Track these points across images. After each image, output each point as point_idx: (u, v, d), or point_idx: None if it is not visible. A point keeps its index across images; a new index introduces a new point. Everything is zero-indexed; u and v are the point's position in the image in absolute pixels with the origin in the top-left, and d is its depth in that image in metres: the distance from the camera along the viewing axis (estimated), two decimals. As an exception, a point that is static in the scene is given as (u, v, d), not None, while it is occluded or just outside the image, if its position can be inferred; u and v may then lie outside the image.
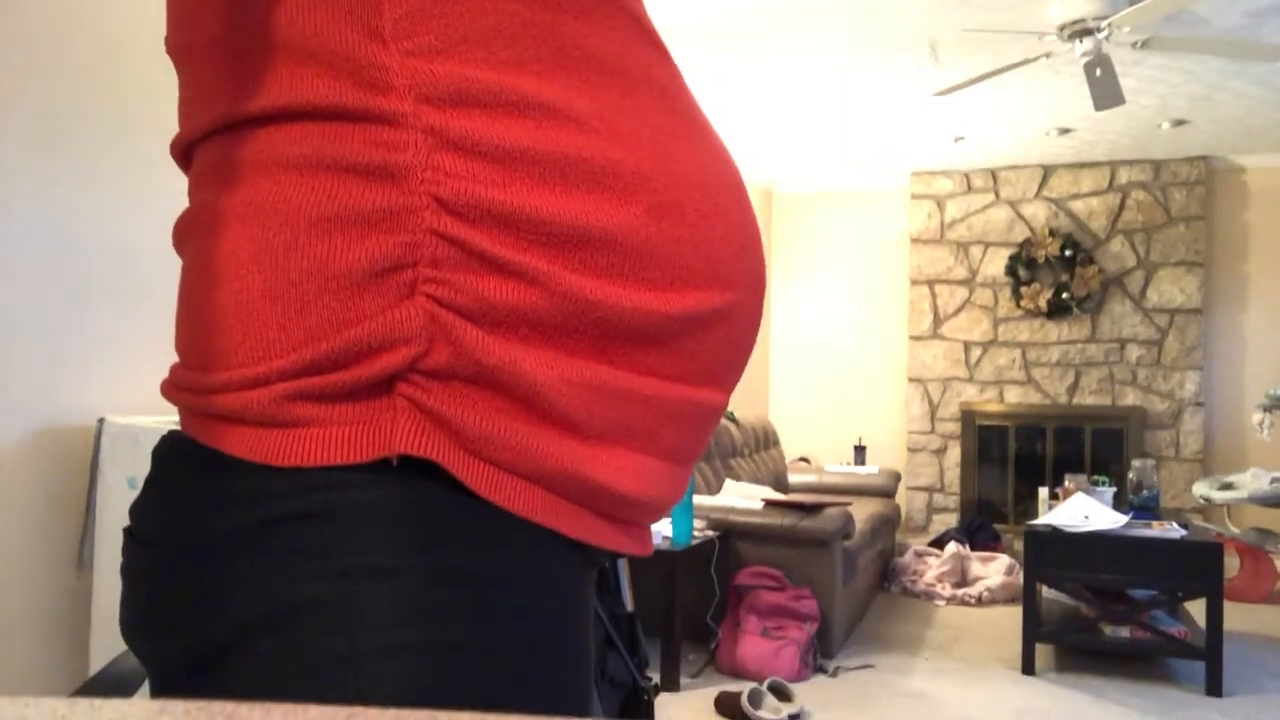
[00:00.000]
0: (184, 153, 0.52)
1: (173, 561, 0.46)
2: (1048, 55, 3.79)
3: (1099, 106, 3.85)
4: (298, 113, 0.45)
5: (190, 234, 0.50)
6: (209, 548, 0.45)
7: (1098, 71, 3.61)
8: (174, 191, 2.26)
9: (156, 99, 2.22)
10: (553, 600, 0.47)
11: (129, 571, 0.50)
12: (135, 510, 0.50)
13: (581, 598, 0.50)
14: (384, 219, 0.44)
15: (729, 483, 4.38)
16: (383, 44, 0.45)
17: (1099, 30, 3.49)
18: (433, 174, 0.44)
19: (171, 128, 0.54)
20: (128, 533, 0.50)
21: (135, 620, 0.49)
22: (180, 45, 0.52)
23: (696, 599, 3.41)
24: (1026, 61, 3.79)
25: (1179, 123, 5.05)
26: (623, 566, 0.74)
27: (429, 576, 0.43)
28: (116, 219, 2.15)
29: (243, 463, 0.45)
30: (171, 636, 0.46)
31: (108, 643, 1.96)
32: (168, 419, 2.03)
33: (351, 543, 0.43)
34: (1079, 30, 3.55)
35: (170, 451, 0.50)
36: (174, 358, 0.52)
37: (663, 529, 3.14)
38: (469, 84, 0.45)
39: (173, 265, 2.06)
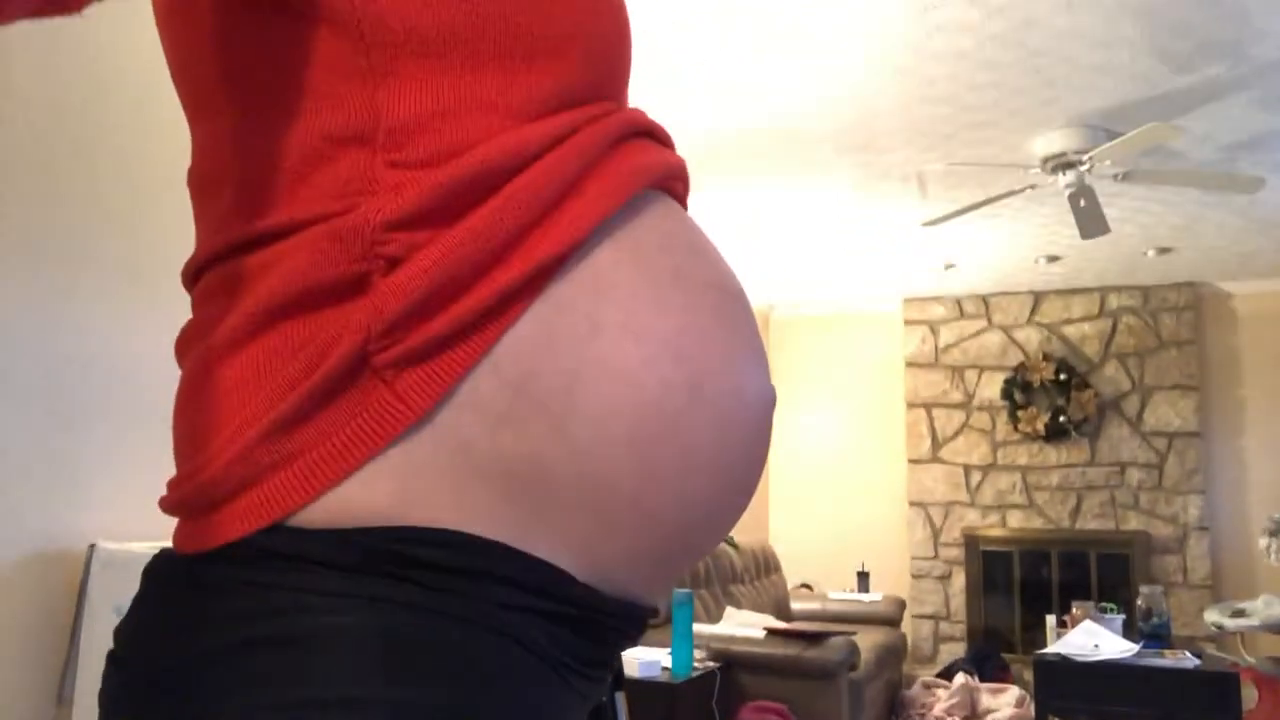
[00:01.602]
0: (194, 275, 0.53)
1: (142, 686, 0.45)
2: (1033, 187, 3.92)
3: (1085, 235, 3.96)
4: (290, 230, 0.46)
5: (189, 348, 0.51)
6: (176, 672, 0.44)
7: (1082, 202, 3.73)
8: (172, 312, 2.29)
9: (156, 217, 2.28)
10: None
11: (104, 695, 0.48)
12: (118, 632, 0.50)
13: None
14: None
15: (730, 610, 4.28)
16: (372, 153, 0.46)
17: (1081, 163, 3.63)
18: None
19: (175, 253, 0.56)
20: (110, 655, 0.49)
21: None
22: (198, 177, 0.54)
23: (697, 734, 3.29)
24: (1012, 193, 3.92)
25: (1164, 250, 5.18)
26: (621, 700, 0.72)
27: (388, 711, 0.41)
28: (112, 340, 2.17)
29: (216, 581, 0.44)
30: None
31: (83, 783, 1.88)
32: (161, 544, 2.00)
33: (315, 671, 0.42)
34: (1062, 164, 3.68)
35: (155, 570, 0.49)
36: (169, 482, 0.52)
37: (661, 659, 3.05)
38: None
39: (169, 387, 2.08)
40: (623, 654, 0.64)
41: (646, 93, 3.39)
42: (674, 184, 0.54)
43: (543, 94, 0.49)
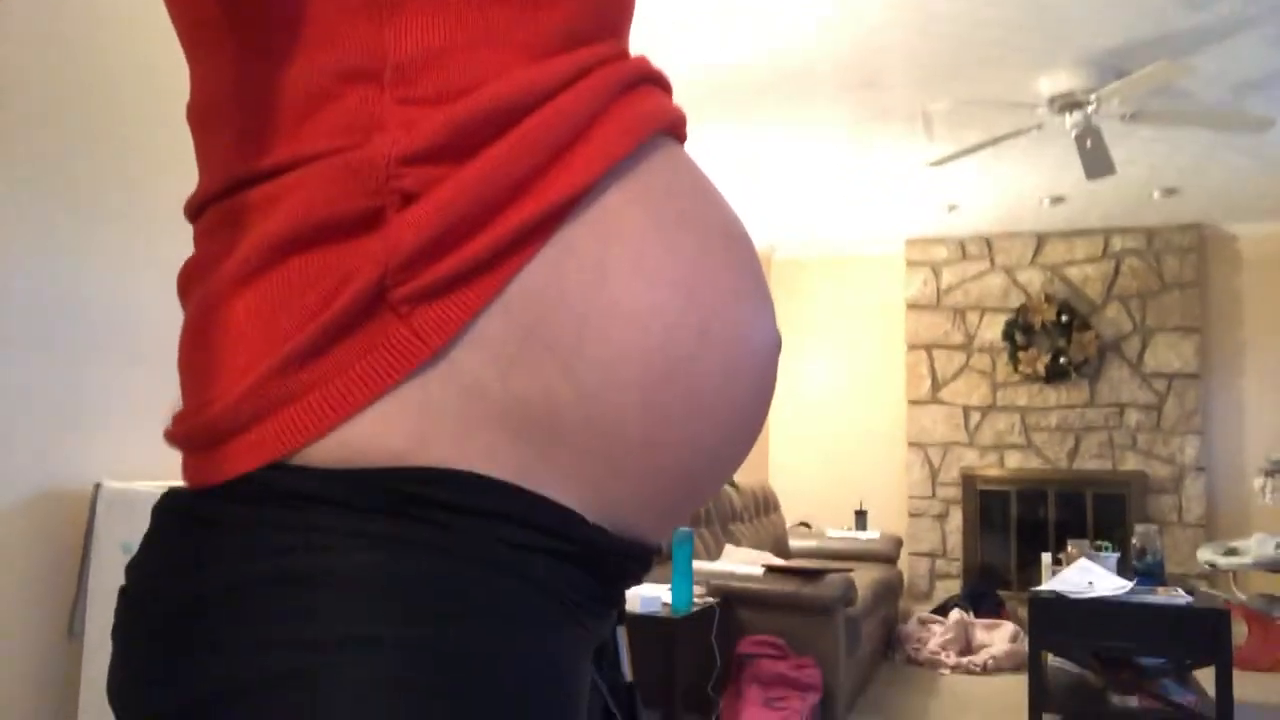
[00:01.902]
0: (197, 211, 0.52)
1: (154, 622, 0.46)
2: (1039, 127, 3.87)
3: (1090, 176, 3.92)
4: (296, 164, 0.46)
5: (193, 284, 0.50)
6: (188, 609, 0.44)
7: (1088, 143, 3.68)
8: (175, 254, 2.28)
9: (157, 160, 2.26)
10: (542, 682, 0.45)
11: (117, 631, 0.49)
12: (129, 568, 0.50)
13: (575, 685, 0.48)
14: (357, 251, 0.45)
15: (729, 548, 4.34)
16: (380, 90, 0.45)
17: (1088, 103, 3.58)
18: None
19: (173, 190, 0.56)
20: (121, 591, 0.49)
21: (119, 683, 0.48)
22: (198, 111, 0.53)
23: (697, 668, 3.36)
24: (1018, 133, 3.87)
25: (1170, 191, 5.13)
26: (621, 634, 0.73)
27: (402, 648, 0.42)
28: (116, 281, 2.17)
29: (230, 519, 0.44)
30: (149, 703, 0.45)
31: (96, 712, 1.93)
32: (166, 484, 2.02)
33: (328, 609, 0.42)
34: (1068, 103, 3.63)
35: (165, 507, 0.50)
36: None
37: (662, 595, 3.10)
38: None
39: (172, 328, 2.08)
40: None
41: (647, 29, 3.32)
42: (678, 131, 0.54)
43: (550, 31, 0.48)
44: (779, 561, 3.95)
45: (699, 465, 0.50)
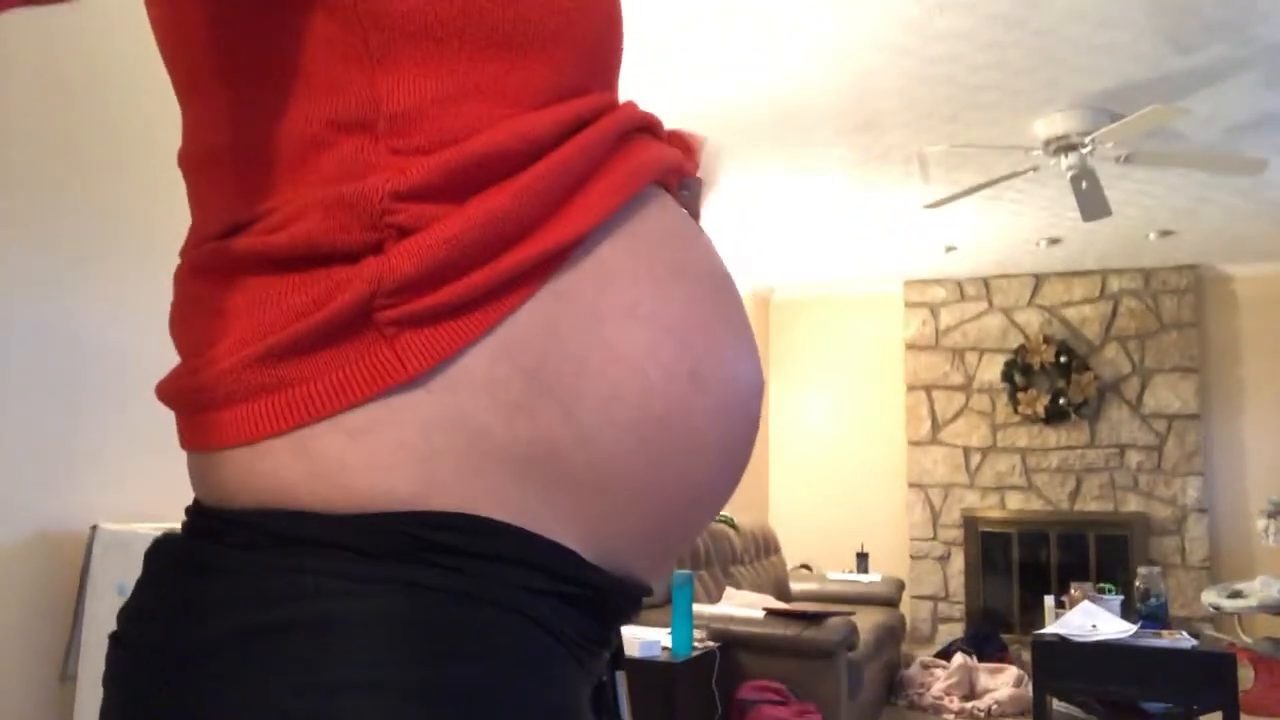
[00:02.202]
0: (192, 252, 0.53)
1: (153, 670, 0.45)
2: (1034, 169, 3.91)
3: (1086, 218, 3.95)
4: (290, 215, 0.47)
5: (183, 323, 0.52)
6: (191, 656, 0.44)
7: (1084, 184, 3.72)
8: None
9: (157, 202, 2.27)
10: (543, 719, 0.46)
11: (111, 679, 0.49)
12: (123, 614, 0.50)
13: (578, 715, 0.49)
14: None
15: (729, 590, 4.30)
16: (374, 140, 0.46)
17: (1083, 146, 3.61)
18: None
19: (173, 232, 0.56)
20: (113, 638, 0.49)
21: None
22: (192, 156, 0.54)
23: (697, 714, 3.31)
24: (1014, 175, 3.91)
25: (1166, 233, 5.16)
26: (620, 680, 0.73)
27: (413, 691, 0.42)
28: (114, 323, 2.18)
29: (231, 565, 0.45)
30: None
31: (88, 760, 1.90)
32: (164, 525, 2.01)
33: (337, 656, 0.42)
34: (1064, 146, 3.67)
35: (160, 552, 0.49)
36: (169, 464, 0.53)
37: (662, 639, 3.07)
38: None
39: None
40: (623, 633, 0.65)
41: (646, 72, 3.37)
42: (669, 178, 0.57)
43: (542, 83, 0.49)
44: (780, 605, 3.92)
45: (689, 504, 0.52)
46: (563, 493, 0.48)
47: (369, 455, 0.45)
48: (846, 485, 6.46)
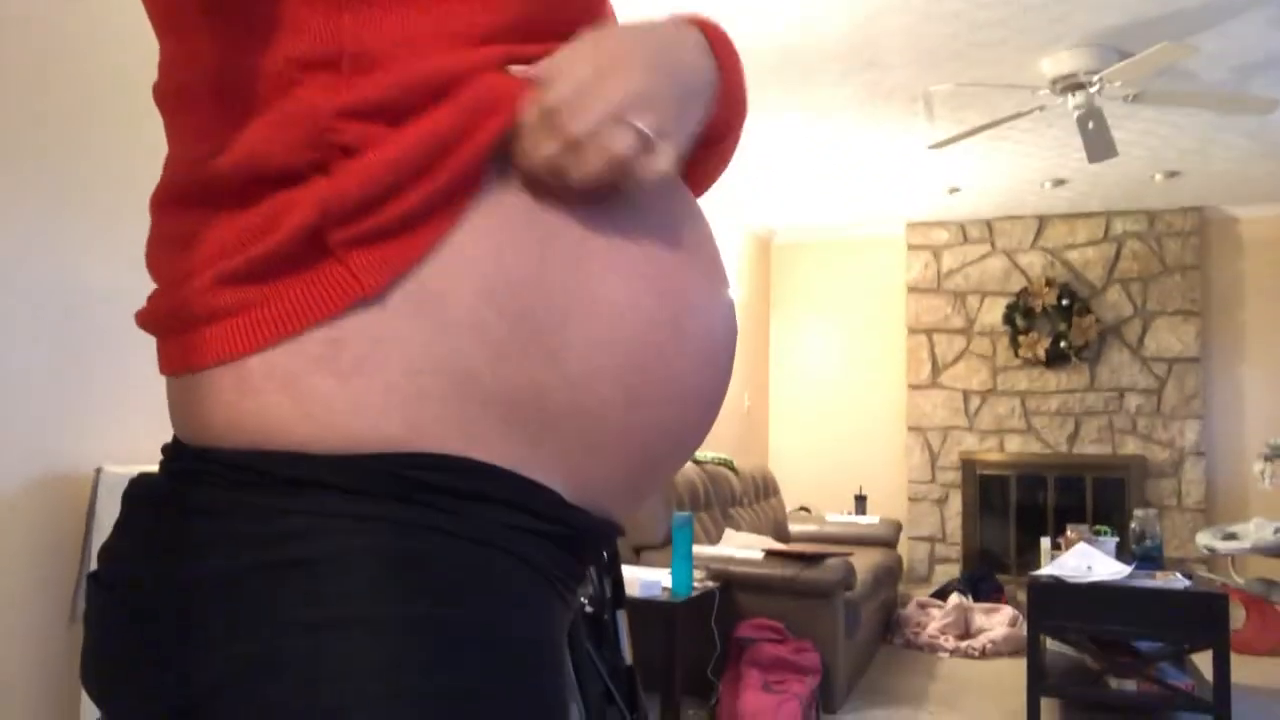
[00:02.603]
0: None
1: (145, 608, 0.45)
2: (1041, 109, 3.85)
3: (1092, 159, 3.90)
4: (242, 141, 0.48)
5: (158, 254, 0.53)
6: (185, 595, 0.44)
7: (1090, 125, 3.66)
8: (177, 242, 2.27)
9: (156, 146, 2.24)
10: (531, 652, 0.47)
11: (96, 618, 0.49)
12: (104, 554, 0.50)
13: (560, 649, 0.51)
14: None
15: (729, 532, 4.35)
16: (338, 79, 0.48)
17: (1090, 85, 3.55)
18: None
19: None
20: (93, 578, 0.49)
21: (101, 671, 0.48)
22: (167, 91, 0.54)
23: (696, 652, 3.37)
24: (1020, 115, 3.85)
25: (1172, 174, 5.11)
26: (621, 618, 0.74)
27: (404, 627, 0.43)
28: (114, 267, 2.17)
29: (220, 505, 0.45)
30: (141, 691, 0.45)
31: (99, 697, 1.93)
32: (165, 469, 2.02)
33: (333, 591, 0.43)
34: (1071, 84, 3.61)
35: (142, 492, 0.50)
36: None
37: (662, 580, 3.11)
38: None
39: (174, 315, 2.07)
40: (624, 573, 0.68)
41: (646, 11, 3.30)
42: None
43: (500, 27, 0.50)
44: (779, 546, 3.96)
45: (666, 447, 0.54)
46: (546, 435, 0.49)
47: (358, 397, 0.45)
48: (846, 428, 6.49)
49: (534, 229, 0.48)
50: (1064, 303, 5.84)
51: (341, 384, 0.45)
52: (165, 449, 0.52)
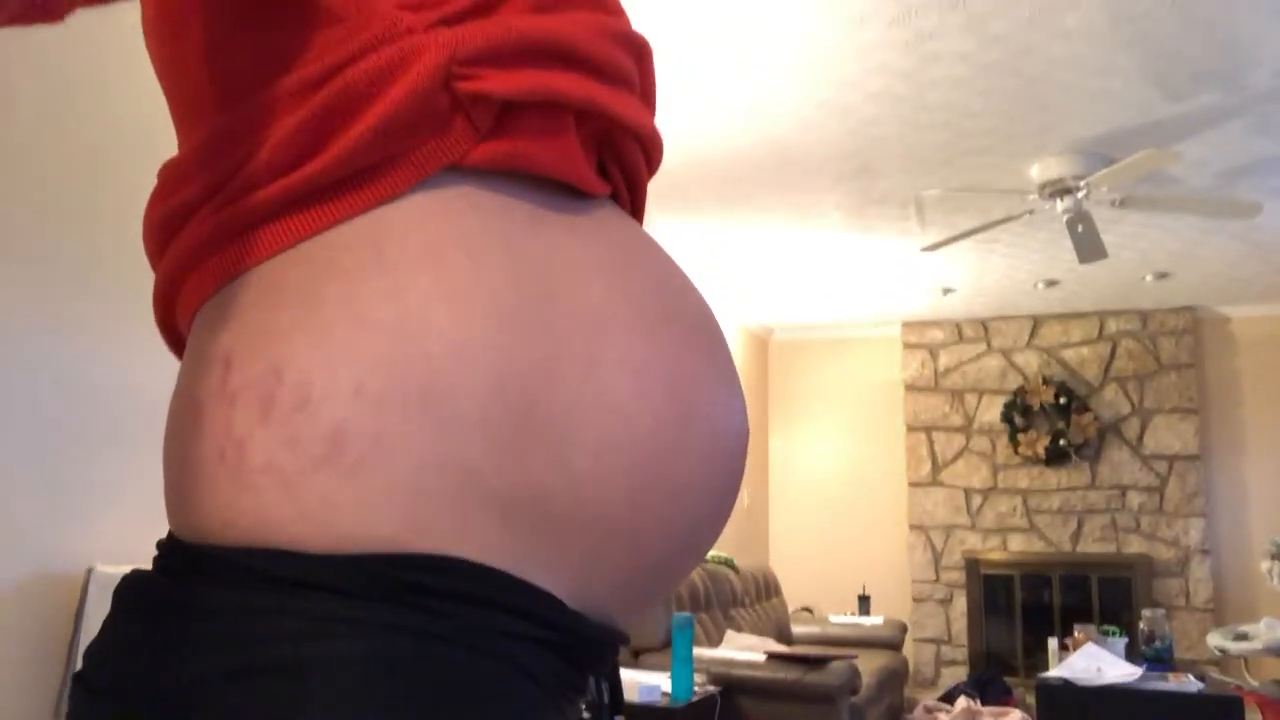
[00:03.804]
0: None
1: (128, 711, 0.44)
2: (1030, 213, 3.95)
3: (1083, 260, 3.98)
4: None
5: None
6: (167, 697, 0.43)
7: (1079, 228, 3.75)
8: (183, 341, 2.30)
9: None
10: None
11: None
12: (89, 654, 0.48)
13: None
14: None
15: (730, 634, 4.26)
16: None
17: (1078, 189, 3.65)
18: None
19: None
20: (78, 679, 0.47)
21: None
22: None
23: (698, 760, 3.27)
24: (1010, 218, 3.94)
25: (1162, 275, 5.20)
26: (619, 728, 0.72)
27: None
28: (113, 365, 2.18)
29: (209, 605, 0.44)
30: None
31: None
32: (161, 569, 2.00)
33: (317, 700, 0.41)
34: (1059, 189, 3.71)
35: (133, 589, 0.48)
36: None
37: (661, 684, 3.04)
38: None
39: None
40: (621, 677, 0.65)
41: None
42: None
43: None
44: (781, 648, 3.88)
45: (673, 552, 0.52)
46: (549, 537, 0.47)
47: (358, 495, 0.44)
48: (847, 526, 6.43)
49: (546, 326, 0.48)
50: (1061, 401, 5.87)
51: (341, 482, 0.44)
52: (159, 544, 0.51)
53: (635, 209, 0.61)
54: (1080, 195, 3.66)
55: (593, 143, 0.55)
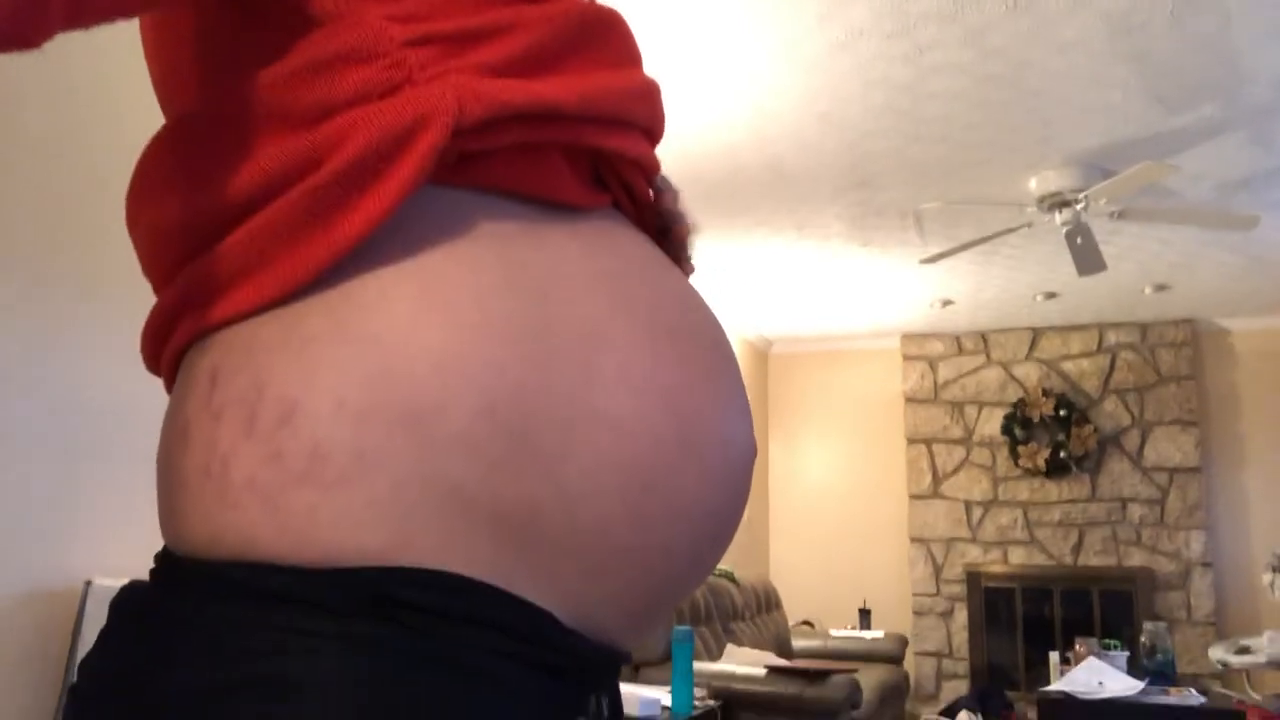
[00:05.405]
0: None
1: None
2: (1029, 225, 3.95)
3: (1082, 272, 3.98)
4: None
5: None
6: (153, 709, 0.42)
7: (1078, 240, 3.76)
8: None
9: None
10: None
11: None
12: (83, 666, 0.48)
13: None
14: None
15: (730, 648, 4.25)
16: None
17: (1076, 202, 3.66)
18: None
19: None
20: (72, 691, 0.47)
21: None
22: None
23: (698, 775, 3.24)
24: (1009, 231, 3.95)
25: (1161, 287, 5.20)
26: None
27: None
28: (110, 378, 2.18)
29: (196, 619, 0.43)
30: None
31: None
32: (158, 582, 1.99)
33: (298, 716, 0.41)
34: (1057, 202, 3.72)
35: (128, 602, 0.48)
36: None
37: (661, 698, 3.02)
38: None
39: (175, 426, 2.08)
40: (621, 691, 0.63)
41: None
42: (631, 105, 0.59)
43: None
44: (782, 662, 3.87)
45: (674, 571, 0.50)
46: (542, 554, 0.46)
47: (340, 509, 0.44)
48: (848, 539, 6.41)
49: (543, 339, 0.46)
50: (1061, 413, 5.86)
51: (323, 498, 0.43)
52: (156, 556, 0.51)
53: (641, 220, 0.59)
54: (1079, 208, 3.66)
55: (585, 160, 0.54)
